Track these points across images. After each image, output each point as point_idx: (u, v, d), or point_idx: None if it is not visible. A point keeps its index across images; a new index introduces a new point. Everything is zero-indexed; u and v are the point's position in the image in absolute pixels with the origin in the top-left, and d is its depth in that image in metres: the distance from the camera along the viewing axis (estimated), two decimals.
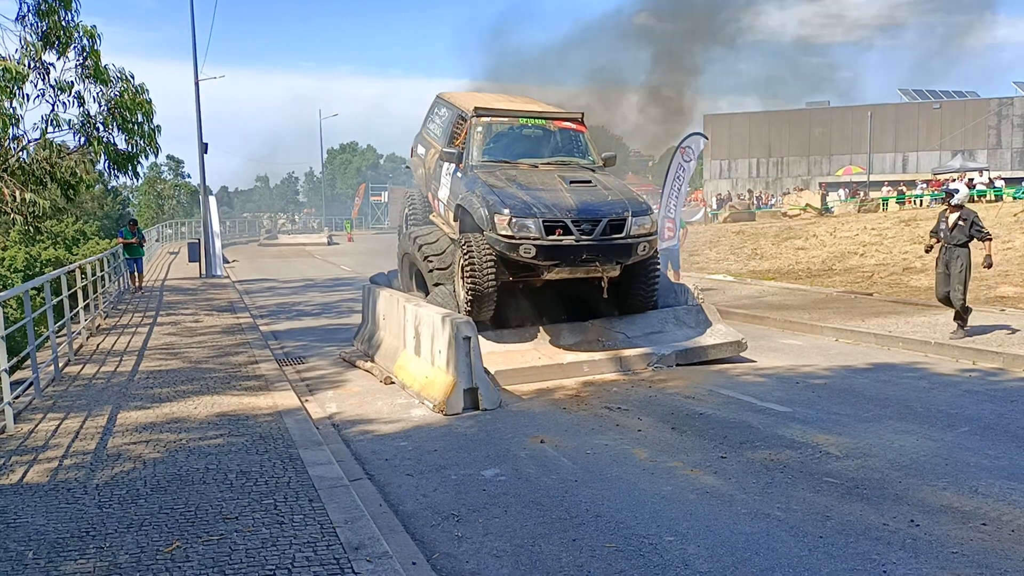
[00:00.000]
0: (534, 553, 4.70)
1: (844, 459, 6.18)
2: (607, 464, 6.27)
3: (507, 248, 9.15)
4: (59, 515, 5.07)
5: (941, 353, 10.30)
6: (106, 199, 69.33)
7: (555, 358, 9.63)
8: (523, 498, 5.60)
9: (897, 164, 60.84)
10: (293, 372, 10.43)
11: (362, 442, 7.19)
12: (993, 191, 40.23)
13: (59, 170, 15.15)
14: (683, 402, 8.16)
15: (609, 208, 9.47)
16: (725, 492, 5.57)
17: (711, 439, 6.83)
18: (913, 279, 17.80)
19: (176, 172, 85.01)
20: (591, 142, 11.17)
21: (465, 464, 6.41)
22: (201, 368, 9.88)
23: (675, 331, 10.41)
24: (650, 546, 4.73)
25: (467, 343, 8.16)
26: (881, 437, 6.72)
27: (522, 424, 7.55)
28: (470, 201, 9.80)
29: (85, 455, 6.35)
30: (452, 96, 12.07)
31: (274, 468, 5.93)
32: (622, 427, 7.32)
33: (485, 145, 10.61)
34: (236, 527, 4.81)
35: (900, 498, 5.36)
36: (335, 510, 5.08)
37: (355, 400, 8.82)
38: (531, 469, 6.22)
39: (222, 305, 17.07)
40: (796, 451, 6.41)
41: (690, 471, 6.04)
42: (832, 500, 5.35)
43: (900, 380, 8.94)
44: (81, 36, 14.84)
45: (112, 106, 15.33)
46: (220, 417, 7.45)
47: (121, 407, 7.93)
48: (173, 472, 5.87)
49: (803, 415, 7.49)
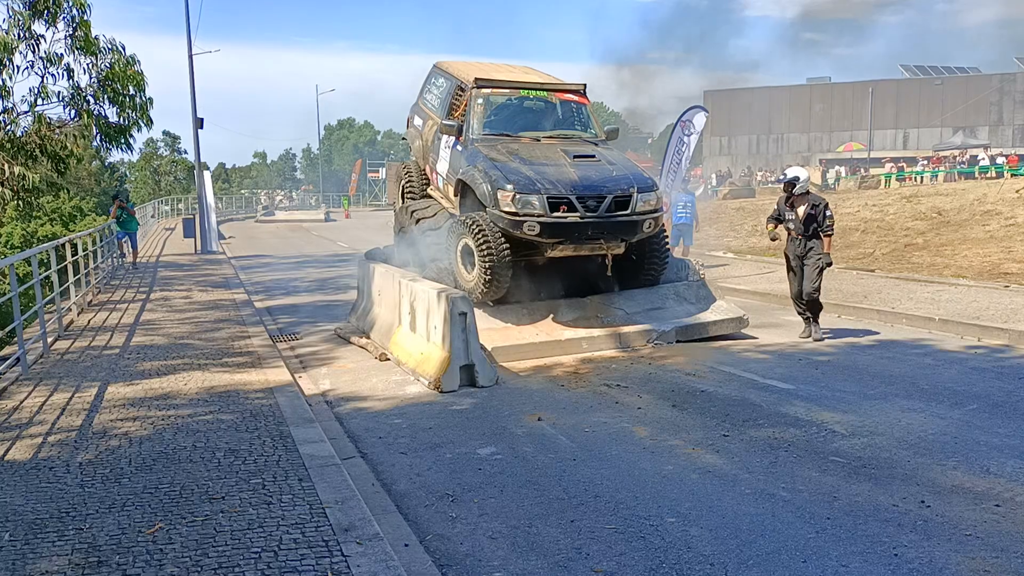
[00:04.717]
0: (531, 535, 4.53)
1: (850, 437, 6.01)
2: (606, 442, 6.10)
3: (511, 225, 8.93)
4: (39, 494, 4.89)
5: (946, 330, 10.13)
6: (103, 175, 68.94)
7: (553, 334, 9.44)
8: (519, 477, 5.43)
9: (898, 140, 60.51)
10: (286, 348, 10.25)
11: (355, 419, 7.01)
12: (995, 168, 39.99)
13: (49, 143, 14.90)
14: (684, 379, 7.98)
15: (614, 184, 9.24)
16: (728, 472, 5.39)
17: (713, 417, 6.65)
18: (915, 255, 17.59)
19: (173, 148, 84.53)
20: (594, 114, 10.91)
21: (460, 442, 6.24)
22: (193, 344, 9.69)
23: (675, 307, 10.21)
24: (651, 528, 4.56)
25: (463, 319, 7.97)
26: (888, 415, 6.55)
27: (519, 401, 7.37)
28: (472, 176, 9.56)
29: (70, 432, 6.17)
30: (450, 65, 11.77)
31: (264, 446, 5.75)
32: (622, 404, 7.14)
33: (486, 117, 10.35)
34: (222, 507, 4.64)
35: (909, 478, 5.19)
36: (325, 490, 4.90)
37: (349, 377, 8.65)
38: (528, 448, 6.04)
39: (217, 281, 16.86)
40: (801, 429, 6.24)
41: (692, 450, 5.86)
42: (839, 480, 5.17)
43: (905, 357, 8.76)
44: (71, 6, 14.57)
45: (103, 78, 15.07)
46: (210, 393, 7.27)
47: (109, 382, 7.75)
48: (159, 450, 5.69)
49: (807, 392, 7.31)
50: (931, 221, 21.45)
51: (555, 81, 11.30)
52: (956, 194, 25.39)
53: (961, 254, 16.87)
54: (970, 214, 21.44)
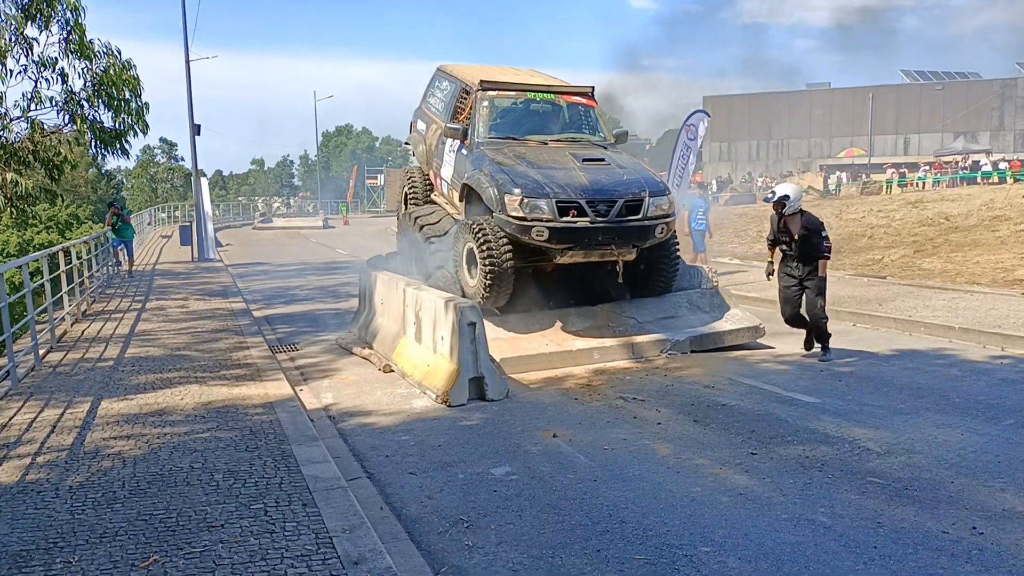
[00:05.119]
0: (555, 566, 4.19)
1: (886, 456, 5.68)
2: (627, 461, 5.77)
3: (518, 231, 8.61)
4: (25, 522, 4.56)
5: (967, 339, 9.81)
6: (100, 183, 68.69)
7: (563, 344, 9.12)
8: (538, 500, 5.10)
9: (899, 146, 60.33)
10: (286, 359, 9.92)
11: (360, 436, 6.68)
12: (997, 173, 39.77)
13: (42, 149, 14.54)
14: (703, 392, 7.66)
15: (625, 188, 8.93)
16: (761, 494, 5.06)
17: (738, 433, 6.32)
18: (926, 261, 17.29)
19: (170, 155, 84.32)
20: (602, 117, 10.60)
21: (473, 461, 5.91)
22: (190, 355, 9.36)
23: (689, 316, 9.89)
24: (685, 558, 4.22)
25: (472, 329, 7.64)
26: (922, 431, 6.22)
27: (532, 416, 7.04)
28: (478, 180, 9.24)
29: (60, 451, 5.84)
30: (454, 68, 11.46)
31: (265, 467, 5.42)
32: (640, 419, 6.81)
33: (491, 121, 10.04)
34: (221, 536, 4.30)
35: (955, 501, 4.86)
36: (332, 516, 4.57)
37: (352, 389, 8.32)
38: (545, 467, 5.71)
39: (214, 289, 16.53)
40: (832, 447, 5.91)
41: (719, 469, 5.53)
42: (881, 504, 4.84)
43: (929, 368, 8.44)
44: (65, 9, 14.20)
45: (97, 82, 14.69)
46: (208, 408, 6.94)
47: (103, 397, 7.42)
48: (155, 472, 5.36)
49: (834, 406, 6.98)
50: (939, 227, 21.16)
51: (562, 83, 11.00)
52: (962, 199, 25.13)
53: (973, 260, 16.56)
54: (978, 219, 21.16)
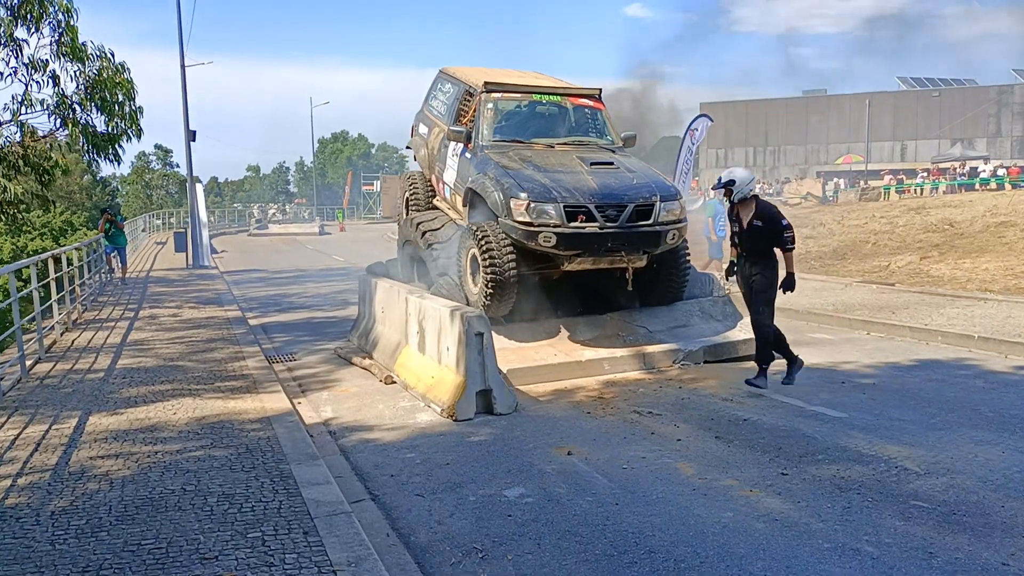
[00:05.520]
0: None
1: (927, 476, 5.32)
2: (649, 482, 5.41)
3: (525, 236, 8.25)
4: (1, 554, 4.18)
5: (987, 348, 9.49)
6: (94, 189, 68.14)
7: (572, 355, 8.76)
8: (557, 526, 4.74)
9: (896, 153, 60.20)
10: (283, 370, 9.54)
11: (363, 453, 6.31)
12: (996, 180, 39.57)
13: (33, 154, 14.15)
14: (721, 405, 7.31)
15: (635, 192, 8.59)
16: (798, 520, 4.70)
17: (764, 451, 5.96)
18: (934, 268, 16.99)
19: (164, 162, 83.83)
20: (610, 120, 10.27)
21: (484, 481, 5.55)
22: (183, 366, 8.98)
23: (701, 325, 9.54)
24: None
25: (479, 340, 7.29)
26: (960, 448, 5.87)
27: (543, 432, 6.68)
28: (482, 184, 8.89)
29: (44, 472, 5.47)
30: (457, 71, 11.13)
31: (262, 489, 5.06)
32: (658, 435, 6.45)
33: (496, 123, 9.70)
34: (216, 570, 3.94)
35: (1010, 528, 4.50)
36: (335, 546, 4.21)
37: (353, 402, 7.95)
38: (561, 488, 5.35)
39: (209, 297, 16.14)
40: (867, 466, 5.55)
41: (749, 491, 5.17)
42: (929, 531, 4.48)
43: (954, 379, 8.11)
44: (56, 10, 13.82)
45: (90, 85, 14.32)
46: (202, 424, 6.57)
47: (91, 412, 7.05)
48: (144, 495, 4.99)
49: (862, 421, 6.63)
50: (944, 233, 20.88)
51: (568, 85, 10.68)
52: (965, 205, 24.88)
53: (982, 267, 16.27)
54: (983, 225, 20.88)
